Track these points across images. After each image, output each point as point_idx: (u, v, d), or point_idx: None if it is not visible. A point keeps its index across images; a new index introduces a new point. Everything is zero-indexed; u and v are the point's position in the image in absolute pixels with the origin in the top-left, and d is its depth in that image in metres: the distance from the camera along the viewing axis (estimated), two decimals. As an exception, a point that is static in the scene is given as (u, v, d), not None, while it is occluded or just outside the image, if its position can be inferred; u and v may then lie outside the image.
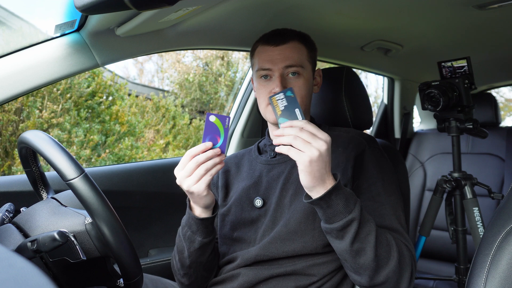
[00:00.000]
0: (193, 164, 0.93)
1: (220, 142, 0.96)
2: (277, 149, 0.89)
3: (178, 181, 0.96)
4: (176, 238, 1.14)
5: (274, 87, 1.10)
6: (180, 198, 1.73)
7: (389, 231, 1.00)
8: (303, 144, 0.85)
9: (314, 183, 0.87)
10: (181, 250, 1.10)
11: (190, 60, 8.16)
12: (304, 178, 0.87)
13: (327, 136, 0.87)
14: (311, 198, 0.90)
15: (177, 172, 0.97)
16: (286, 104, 0.94)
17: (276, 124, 1.16)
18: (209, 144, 0.95)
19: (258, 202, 1.12)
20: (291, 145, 0.87)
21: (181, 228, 1.10)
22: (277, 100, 0.95)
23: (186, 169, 0.94)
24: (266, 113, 1.15)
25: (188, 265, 1.09)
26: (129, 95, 5.34)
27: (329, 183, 0.88)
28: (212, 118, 0.95)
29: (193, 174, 0.94)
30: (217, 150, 0.94)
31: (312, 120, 1.23)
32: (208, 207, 1.02)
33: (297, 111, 0.93)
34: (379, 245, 0.91)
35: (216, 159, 0.94)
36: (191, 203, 1.05)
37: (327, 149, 0.86)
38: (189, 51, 7.49)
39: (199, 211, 1.03)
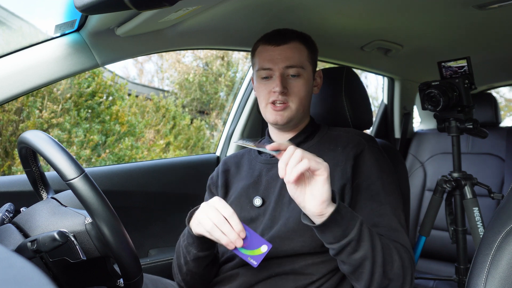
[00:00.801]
0: (218, 219, 0.91)
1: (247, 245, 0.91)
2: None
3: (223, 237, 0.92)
4: (177, 242, 1.13)
5: (274, 87, 1.10)
6: (180, 198, 1.74)
7: (390, 231, 1.00)
8: (315, 158, 0.85)
9: (325, 201, 0.85)
10: (179, 256, 1.10)
11: (190, 60, 8.16)
12: (327, 188, 0.85)
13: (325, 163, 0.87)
14: (308, 218, 0.90)
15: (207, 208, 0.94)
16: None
17: (276, 125, 1.16)
18: (243, 234, 0.90)
19: (258, 201, 1.12)
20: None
21: (181, 235, 1.10)
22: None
23: (211, 216, 0.92)
24: (266, 113, 1.15)
25: (185, 272, 1.09)
26: (129, 95, 5.35)
27: (330, 208, 0.86)
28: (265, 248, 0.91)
29: (211, 222, 0.91)
30: (237, 242, 0.90)
31: (311, 120, 1.23)
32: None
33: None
34: (379, 255, 0.90)
35: (230, 241, 0.90)
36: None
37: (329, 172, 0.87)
38: (189, 51, 7.49)
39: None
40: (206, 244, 1.03)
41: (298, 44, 1.14)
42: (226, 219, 0.91)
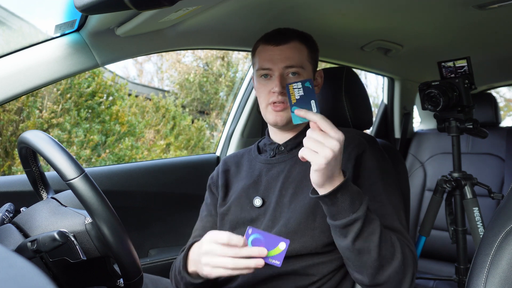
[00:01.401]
0: (224, 253, 0.87)
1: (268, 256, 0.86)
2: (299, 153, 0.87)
3: (219, 269, 0.88)
4: (172, 266, 1.13)
5: (273, 87, 1.10)
6: (180, 198, 1.74)
7: (392, 232, 1.00)
8: (315, 145, 0.84)
9: (324, 181, 0.87)
10: (175, 276, 1.09)
11: (190, 60, 8.16)
12: (316, 177, 0.86)
13: (341, 134, 0.85)
14: (317, 193, 0.90)
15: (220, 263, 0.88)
16: (302, 94, 0.89)
17: (276, 126, 1.16)
18: (263, 251, 0.84)
19: (258, 202, 1.12)
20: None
21: (176, 263, 1.09)
22: (294, 88, 0.89)
23: (218, 252, 0.87)
24: (266, 113, 1.14)
25: None
26: (129, 95, 5.35)
27: (338, 181, 0.88)
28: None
29: (217, 259, 0.87)
30: (258, 263, 0.84)
31: None
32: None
33: (312, 102, 0.89)
34: (382, 245, 0.91)
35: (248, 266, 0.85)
36: (189, 262, 1.01)
37: (340, 148, 0.84)
38: (189, 51, 7.49)
39: (195, 275, 1.01)
40: (201, 286, 1.03)
41: (298, 43, 1.14)
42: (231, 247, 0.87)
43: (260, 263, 0.84)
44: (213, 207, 1.24)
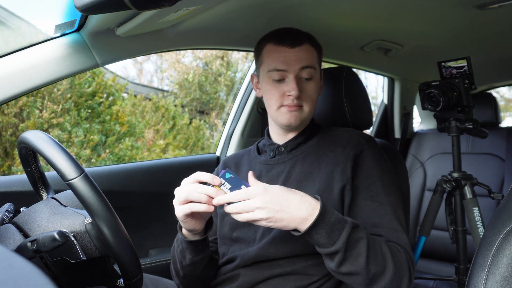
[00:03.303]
0: (185, 189, 0.91)
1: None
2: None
3: (180, 200, 0.93)
4: (171, 248, 1.13)
5: (290, 90, 1.09)
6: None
7: (388, 232, 1.00)
8: (243, 208, 0.86)
9: (288, 225, 0.87)
10: (175, 261, 1.11)
11: (190, 60, 8.16)
12: (274, 226, 0.88)
13: (256, 190, 0.86)
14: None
15: (181, 192, 0.93)
16: (230, 186, 0.91)
17: (289, 126, 1.13)
18: (217, 180, 0.90)
19: (258, 202, 1.12)
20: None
21: (175, 240, 1.10)
22: (220, 186, 0.91)
23: (182, 191, 0.92)
24: (279, 114, 1.12)
25: (183, 276, 1.10)
26: (127, 93, 5.34)
27: (309, 220, 0.87)
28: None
29: (181, 196, 0.91)
30: (212, 193, 0.89)
31: (312, 120, 1.22)
32: (191, 231, 1.00)
33: (243, 186, 0.90)
34: (371, 262, 0.90)
35: (204, 200, 0.90)
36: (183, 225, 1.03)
37: (264, 202, 0.85)
38: (189, 51, 7.49)
39: (185, 232, 1.03)
40: (199, 246, 1.03)
41: (310, 46, 1.13)
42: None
43: (219, 194, 0.89)
44: (212, 207, 1.24)
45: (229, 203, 0.88)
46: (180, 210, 0.93)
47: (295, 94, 1.08)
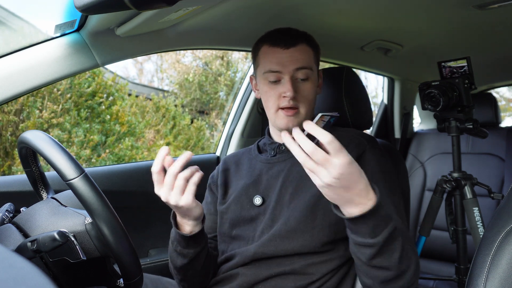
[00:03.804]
0: (170, 177, 0.89)
1: None
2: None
3: (163, 199, 0.91)
4: (168, 248, 1.13)
5: (285, 91, 1.08)
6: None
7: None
8: (315, 166, 0.77)
9: (339, 203, 0.82)
10: (174, 261, 1.09)
11: (190, 60, 8.16)
12: (326, 194, 0.81)
13: (343, 158, 0.76)
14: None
15: (157, 190, 0.92)
16: (322, 126, 0.84)
17: (287, 130, 1.13)
18: (187, 154, 0.90)
19: (258, 200, 1.12)
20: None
21: (170, 243, 1.09)
22: (322, 120, 0.85)
23: (165, 183, 0.90)
24: (277, 118, 1.12)
25: (183, 274, 1.09)
26: (129, 95, 5.35)
27: (361, 206, 0.81)
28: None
29: (174, 187, 0.90)
30: (187, 156, 0.90)
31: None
32: (198, 218, 0.99)
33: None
34: (403, 261, 0.87)
35: (192, 168, 0.90)
36: (179, 219, 1.01)
37: (341, 174, 0.75)
38: (189, 51, 7.49)
39: (189, 227, 1.01)
40: (199, 238, 1.03)
41: (306, 46, 1.12)
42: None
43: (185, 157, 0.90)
44: (212, 205, 1.25)
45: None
46: (187, 195, 0.90)
47: (290, 95, 1.07)
